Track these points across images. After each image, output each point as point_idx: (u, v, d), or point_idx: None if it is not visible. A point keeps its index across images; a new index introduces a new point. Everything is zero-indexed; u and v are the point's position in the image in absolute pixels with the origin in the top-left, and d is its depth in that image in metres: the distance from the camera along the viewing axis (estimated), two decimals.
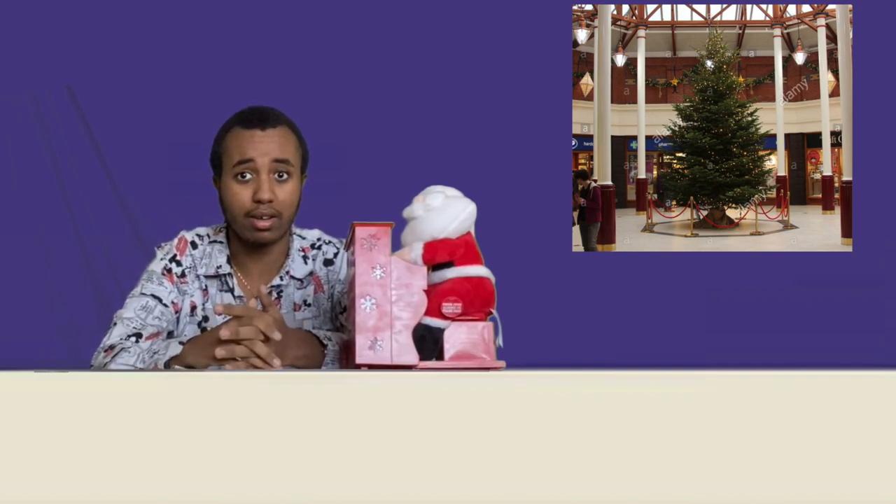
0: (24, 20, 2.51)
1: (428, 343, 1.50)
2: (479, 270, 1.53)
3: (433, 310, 1.51)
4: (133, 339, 1.81)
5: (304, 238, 1.99)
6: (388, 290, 1.51)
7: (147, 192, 2.52)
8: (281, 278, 1.93)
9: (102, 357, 1.80)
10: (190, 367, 1.68)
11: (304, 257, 1.97)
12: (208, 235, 1.97)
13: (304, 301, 1.95)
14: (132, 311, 1.87)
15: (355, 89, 2.56)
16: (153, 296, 1.89)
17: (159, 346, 1.75)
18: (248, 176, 1.85)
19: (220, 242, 1.95)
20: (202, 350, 1.68)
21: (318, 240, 1.99)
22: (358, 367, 1.49)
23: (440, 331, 1.51)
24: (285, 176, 1.87)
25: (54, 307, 2.49)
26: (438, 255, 1.52)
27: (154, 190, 2.51)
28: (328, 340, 1.77)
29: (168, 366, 1.69)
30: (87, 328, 2.49)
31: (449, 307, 1.51)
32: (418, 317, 1.50)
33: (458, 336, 1.51)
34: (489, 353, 1.52)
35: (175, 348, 1.70)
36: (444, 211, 1.53)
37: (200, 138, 2.20)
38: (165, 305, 1.89)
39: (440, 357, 1.51)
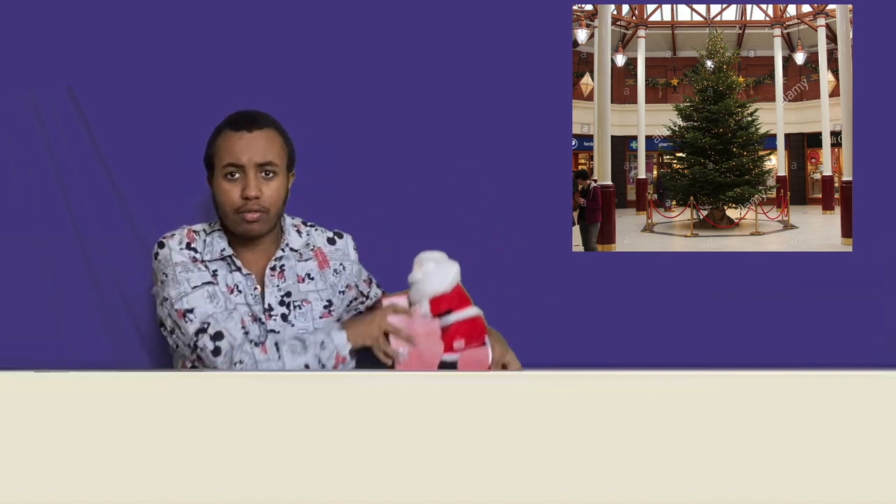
0: (24, 20, 2.50)
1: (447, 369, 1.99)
2: (471, 311, 2.07)
3: (446, 347, 2.03)
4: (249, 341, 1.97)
5: (293, 218, 2.21)
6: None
7: (147, 192, 2.51)
8: (282, 250, 2.13)
9: (260, 351, 1.92)
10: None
11: (298, 231, 2.19)
12: (204, 231, 2.13)
13: (308, 274, 2.16)
14: (208, 307, 1.99)
15: (354, 89, 2.56)
16: (203, 283, 2.01)
17: (312, 339, 1.97)
18: (237, 175, 2.05)
19: (218, 230, 2.12)
20: (363, 332, 2.00)
21: (304, 223, 2.22)
22: None
23: (454, 362, 2.02)
24: (271, 174, 2.06)
25: (54, 307, 2.49)
26: (441, 307, 2.04)
27: (154, 190, 2.51)
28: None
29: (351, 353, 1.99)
30: (87, 328, 2.49)
31: (457, 344, 2.03)
32: (438, 360, 2.02)
33: (467, 361, 2.03)
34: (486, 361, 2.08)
35: (341, 336, 1.99)
36: (438, 274, 2.06)
37: (200, 138, 2.20)
38: (216, 285, 2.03)
39: None
